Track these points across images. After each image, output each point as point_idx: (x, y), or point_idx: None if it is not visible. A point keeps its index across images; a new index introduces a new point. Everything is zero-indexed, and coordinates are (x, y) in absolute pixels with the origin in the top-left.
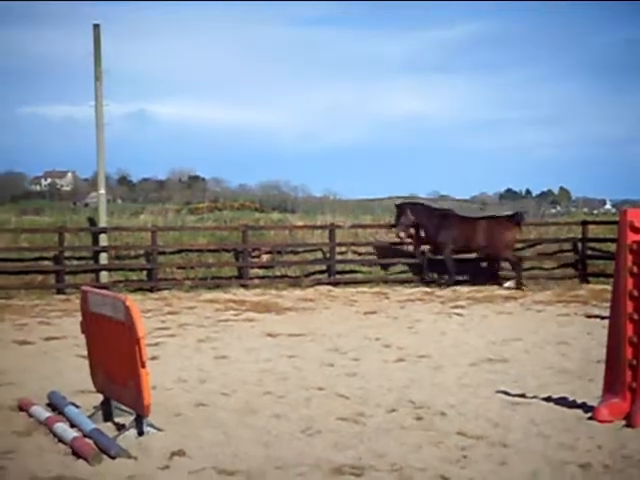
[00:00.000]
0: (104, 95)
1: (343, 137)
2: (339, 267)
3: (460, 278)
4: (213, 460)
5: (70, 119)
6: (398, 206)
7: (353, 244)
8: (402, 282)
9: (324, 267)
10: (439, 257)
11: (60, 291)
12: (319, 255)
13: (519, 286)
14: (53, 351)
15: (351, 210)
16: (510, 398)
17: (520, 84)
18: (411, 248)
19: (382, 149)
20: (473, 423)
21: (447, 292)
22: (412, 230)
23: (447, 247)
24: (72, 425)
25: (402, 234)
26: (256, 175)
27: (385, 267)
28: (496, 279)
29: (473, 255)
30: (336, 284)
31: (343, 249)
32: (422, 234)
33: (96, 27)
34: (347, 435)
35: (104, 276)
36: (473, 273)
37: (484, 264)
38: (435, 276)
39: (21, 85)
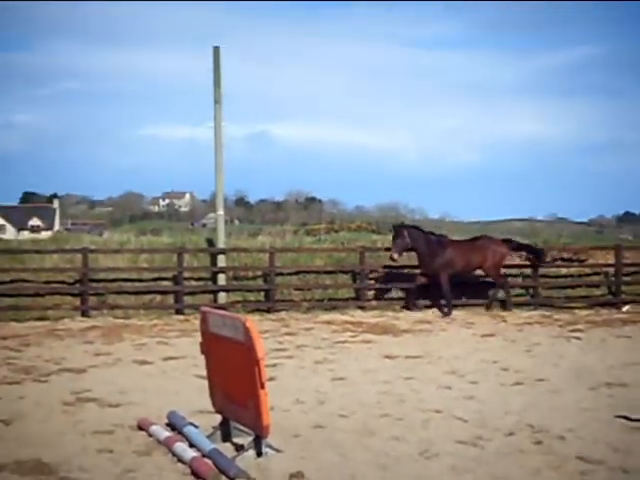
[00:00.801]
0: (224, 117)
1: (460, 159)
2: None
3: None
4: None
5: (189, 141)
6: (395, 228)
7: None
8: (519, 305)
9: None
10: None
11: (179, 311)
12: None
13: (505, 307)
14: (172, 371)
15: (468, 232)
16: (630, 423)
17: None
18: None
19: (499, 171)
20: (592, 447)
21: (565, 316)
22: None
23: (444, 273)
24: (191, 445)
25: (396, 256)
26: (373, 197)
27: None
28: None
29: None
30: (454, 306)
31: None
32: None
33: (216, 49)
34: (465, 458)
35: (222, 297)
36: (469, 296)
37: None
38: (422, 303)
39: (142, 107)
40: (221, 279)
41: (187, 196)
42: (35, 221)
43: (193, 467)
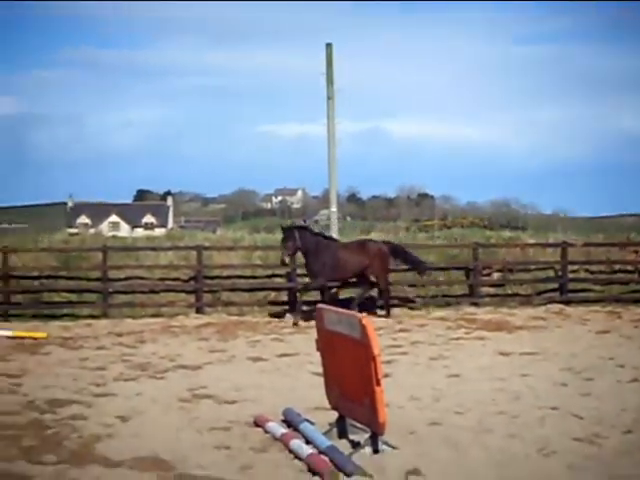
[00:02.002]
0: (337, 113)
1: (572, 153)
2: (571, 286)
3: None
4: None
5: (302, 137)
6: (285, 229)
7: (586, 262)
8: (636, 301)
9: (556, 285)
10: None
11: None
12: (551, 273)
13: (387, 315)
14: (286, 368)
15: (582, 228)
16: None
17: None
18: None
19: (613, 165)
20: None
21: None
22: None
23: (326, 277)
24: (307, 442)
25: (287, 259)
26: (485, 192)
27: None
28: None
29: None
30: (568, 303)
31: (575, 267)
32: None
33: (328, 46)
34: (582, 456)
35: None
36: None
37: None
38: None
39: (256, 104)
40: None
41: (299, 193)
42: (149, 218)
43: (310, 464)
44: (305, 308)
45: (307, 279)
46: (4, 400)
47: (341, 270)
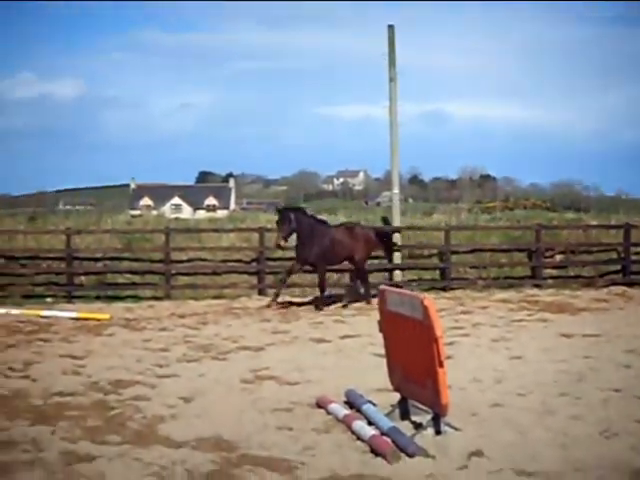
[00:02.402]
0: (399, 95)
1: (637, 136)
2: (634, 267)
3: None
4: (510, 461)
5: (364, 119)
6: (280, 211)
7: None
8: None
9: (618, 267)
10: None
11: None
12: (613, 255)
13: (368, 299)
14: (348, 349)
15: None
16: None
17: None
18: None
19: None
20: None
21: None
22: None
23: (321, 264)
24: (370, 423)
25: (283, 242)
26: (547, 174)
27: None
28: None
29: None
30: (631, 284)
31: (638, 249)
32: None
33: (390, 28)
34: None
35: (398, 275)
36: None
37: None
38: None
39: (318, 86)
40: (397, 257)
41: (361, 174)
42: (211, 200)
43: (372, 445)
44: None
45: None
46: (68, 381)
47: (332, 254)
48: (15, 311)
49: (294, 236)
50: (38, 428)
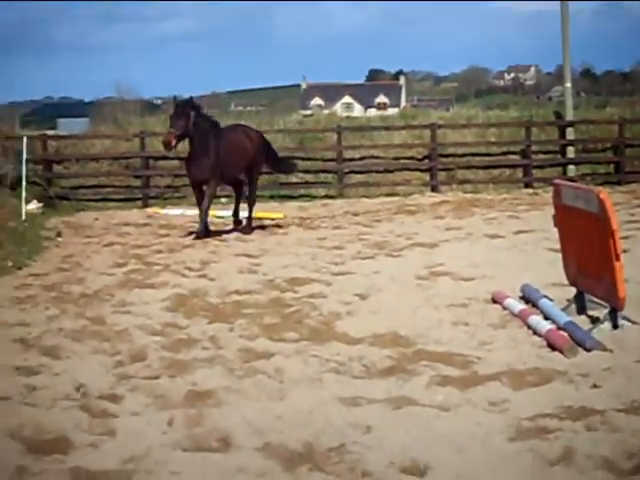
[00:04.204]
0: None
1: None
2: None
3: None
4: None
5: (536, 14)
6: (177, 105)
7: None
8: None
9: None
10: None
11: (528, 185)
12: None
13: (249, 228)
14: (523, 244)
15: None
16: None
17: None
18: None
19: None
20: None
21: None
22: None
23: (214, 178)
24: (546, 318)
25: (173, 141)
26: None
27: None
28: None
29: None
30: None
31: None
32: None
33: None
34: None
35: (571, 170)
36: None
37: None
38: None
39: None
40: (570, 152)
41: (532, 69)
42: (381, 98)
43: (549, 339)
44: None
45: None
46: (245, 279)
47: (231, 167)
48: (190, 212)
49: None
50: (216, 326)
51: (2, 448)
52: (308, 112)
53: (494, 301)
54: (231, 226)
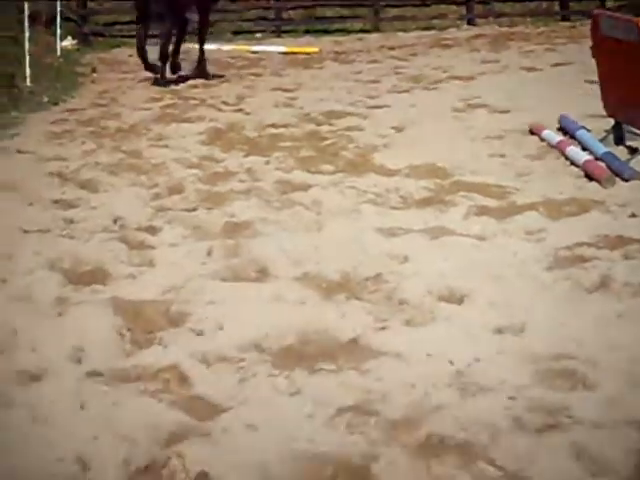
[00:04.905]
0: None
1: None
2: None
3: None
4: None
5: None
6: None
7: None
8: None
9: None
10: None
11: (565, 18)
12: None
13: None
14: (560, 77)
15: None
16: None
17: None
18: None
19: None
20: None
21: None
22: None
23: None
24: (583, 148)
25: None
26: None
27: None
28: None
29: None
30: None
31: None
32: None
33: None
34: None
35: (609, 1)
36: None
37: None
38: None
39: None
40: None
41: None
42: None
43: (586, 169)
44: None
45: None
46: (281, 113)
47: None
48: (226, 47)
49: None
50: (253, 159)
51: (42, 279)
52: None
53: (531, 132)
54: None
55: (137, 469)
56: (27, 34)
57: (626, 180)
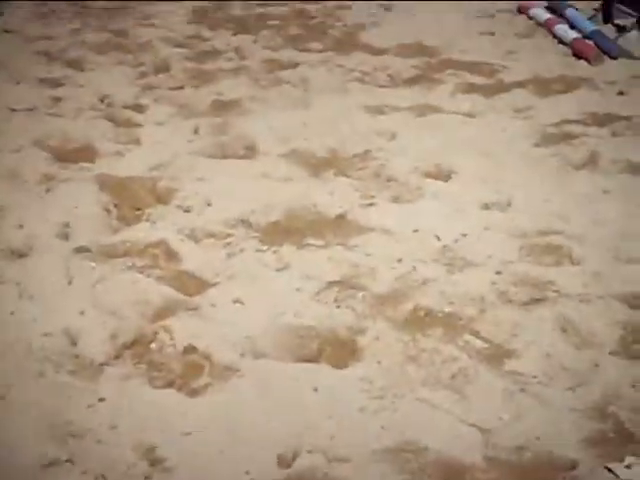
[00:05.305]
0: None
1: None
2: None
3: None
4: None
5: None
6: None
7: None
8: None
9: None
10: None
11: None
12: None
13: None
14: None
15: None
16: None
17: None
18: None
19: None
20: None
21: None
22: None
23: None
24: (572, 27)
25: None
26: None
27: None
28: None
29: None
30: None
31: None
32: None
33: None
34: None
35: None
36: None
37: None
38: None
39: None
40: None
41: None
42: None
43: (575, 48)
44: None
45: None
46: None
47: None
48: None
49: None
50: (240, 37)
51: (29, 157)
52: None
53: (520, 11)
54: None
55: (125, 343)
56: None
57: (614, 58)
